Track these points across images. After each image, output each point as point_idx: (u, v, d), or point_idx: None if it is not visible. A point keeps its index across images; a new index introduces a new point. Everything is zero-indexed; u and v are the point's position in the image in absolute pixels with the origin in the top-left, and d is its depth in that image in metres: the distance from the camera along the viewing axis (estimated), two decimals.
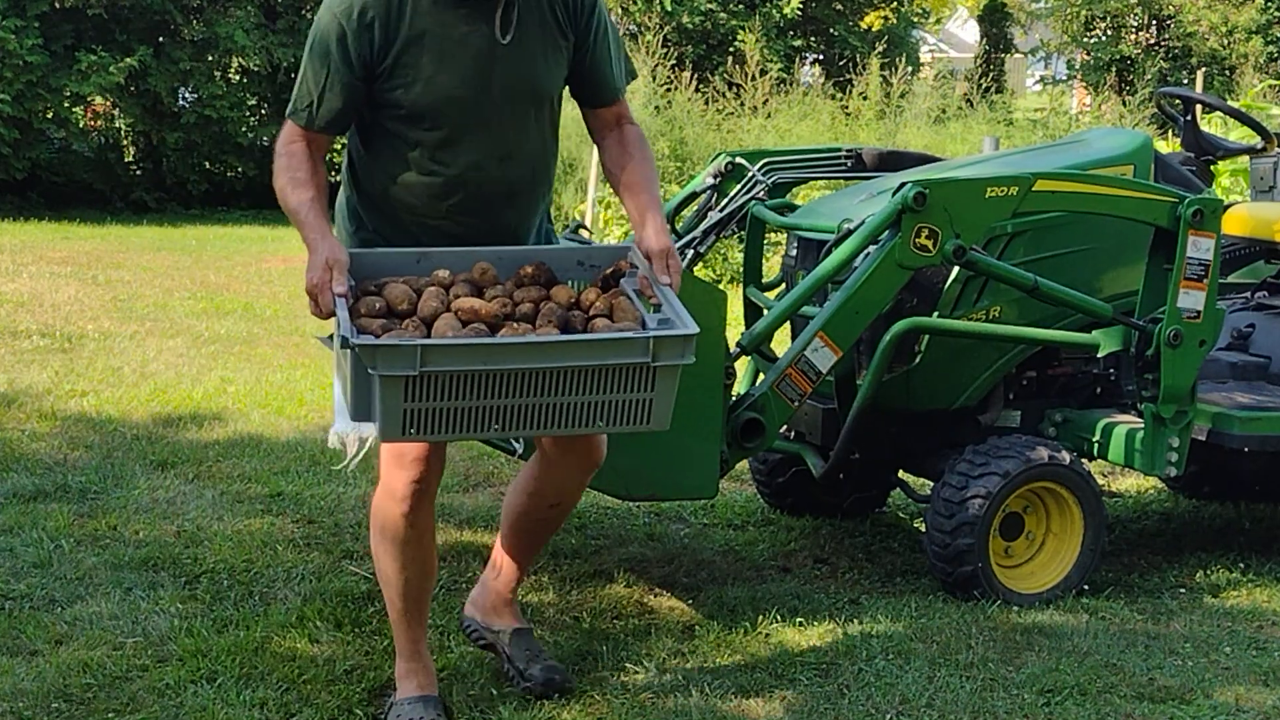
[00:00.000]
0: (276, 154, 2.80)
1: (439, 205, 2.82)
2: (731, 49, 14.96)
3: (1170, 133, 9.59)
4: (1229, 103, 6.68)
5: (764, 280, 4.52)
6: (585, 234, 4.54)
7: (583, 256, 2.84)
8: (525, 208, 2.91)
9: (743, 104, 12.49)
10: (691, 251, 4.42)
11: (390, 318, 2.60)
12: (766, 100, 12.39)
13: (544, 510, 3.08)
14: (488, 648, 3.21)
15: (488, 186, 2.81)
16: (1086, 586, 3.88)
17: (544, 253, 2.84)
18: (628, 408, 2.53)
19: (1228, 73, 19.00)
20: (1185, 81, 17.86)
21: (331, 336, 4.37)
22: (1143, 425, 3.91)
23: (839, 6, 17.26)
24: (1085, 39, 21.05)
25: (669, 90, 12.26)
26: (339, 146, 3.15)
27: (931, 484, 4.01)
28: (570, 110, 3.02)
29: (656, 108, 11.95)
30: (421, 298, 2.63)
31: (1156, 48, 20.37)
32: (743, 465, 4.53)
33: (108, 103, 14.92)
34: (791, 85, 13.31)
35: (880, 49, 14.61)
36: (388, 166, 2.83)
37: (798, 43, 16.46)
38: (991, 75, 17.58)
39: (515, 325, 2.57)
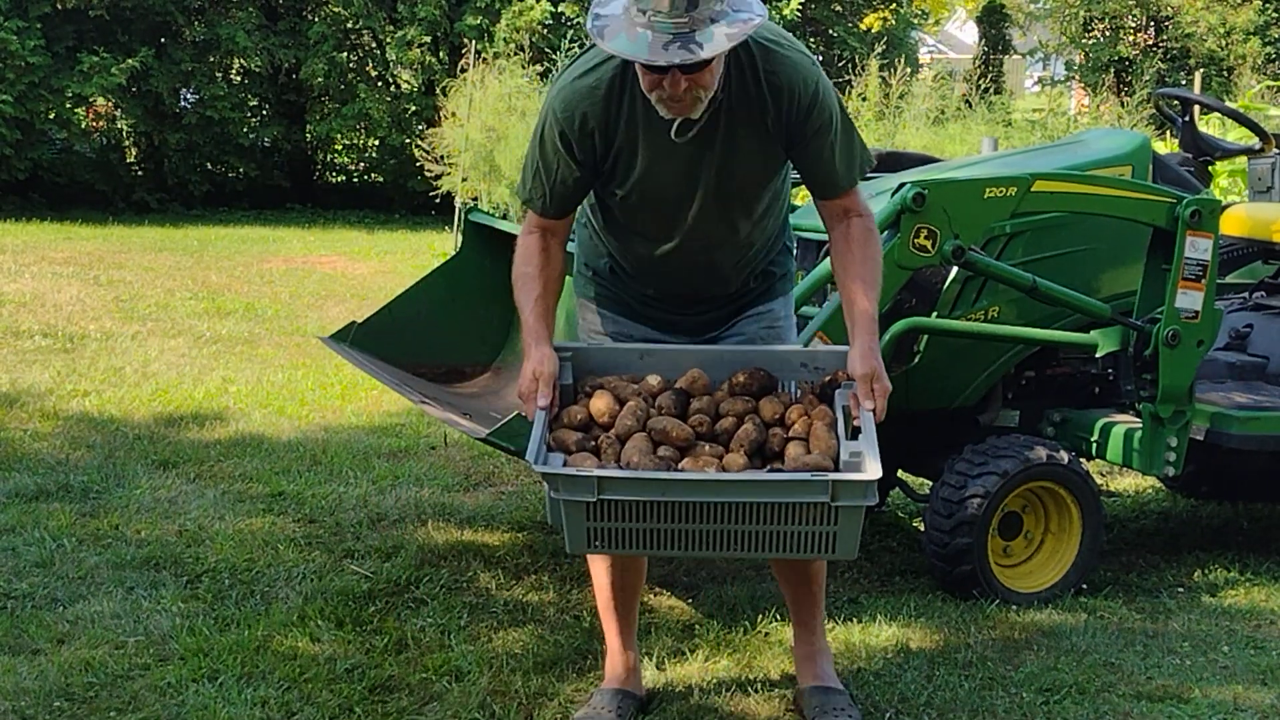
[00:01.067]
0: (519, 238, 2.85)
1: (653, 263, 2.90)
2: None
3: (1168, 133, 9.60)
4: (1227, 104, 6.69)
5: None
6: None
7: (806, 359, 2.81)
8: (735, 270, 2.92)
9: None
10: None
11: (589, 430, 2.66)
12: None
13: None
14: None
15: (694, 262, 2.86)
16: (1085, 585, 3.89)
17: (766, 354, 2.83)
18: (810, 539, 2.53)
19: (1226, 74, 19.01)
20: (1183, 82, 17.87)
21: (333, 337, 4.39)
22: (1141, 425, 3.92)
23: (838, 8, 17.27)
24: (1083, 40, 21.06)
25: None
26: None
27: (930, 483, 4.02)
28: None
29: None
30: (621, 412, 2.67)
31: (1155, 49, 20.38)
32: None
33: (109, 103, 14.94)
34: None
35: (879, 50, 14.59)
36: (610, 224, 2.92)
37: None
38: (990, 76, 17.57)
39: (705, 447, 2.61)
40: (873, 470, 2.51)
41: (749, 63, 2.64)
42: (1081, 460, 3.97)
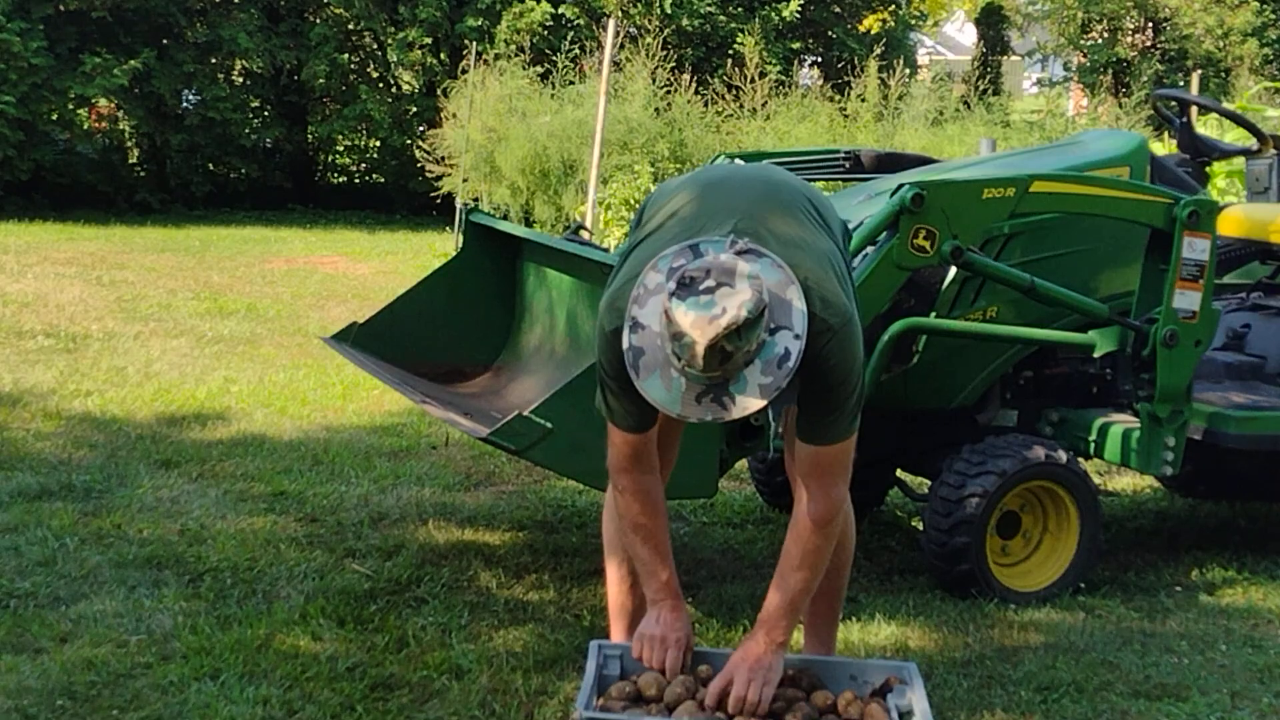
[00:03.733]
0: (611, 477, 2.72)
1: None
2: (731, 52, 14.99)
3: (1166, 134, 9.61)
4: (1224, 105, 6.70)
5: None
6: (585, 234, 4.58)
7: (856, 671, 2.76)
8: None
9: (742, 106, 12.52)
10: None
11: (637, 703, 2.66)
12: (765, 102, 12.42)
13: None
14: None
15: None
16: (1083, 584, 3.90)
17: (816, 663, 2.81)
18: None
19: (1223, 75, 19.01)
20: (1181, 83, 17.86)
21: (334, 337, 4.41)
22: (1139, 425, 3.93)
23: (837, 9, 17.28)
24: (1082, 41, 21.06)
25: (669, 93, 12.29)
26: (340, 143, 3.11)
27: (929, 483, 4.03)
28: (570, 113, 3.05)
29: (656, 110, 11.98)
30: (670, 684, 2.67)
31: (1152, 50, 20.39)
32: (742, 464, 4.56)
33: (112, 105, 14.97)
34: (790, 87, 13.32)
35: (878, 51, 14.61)
36: None
37: (796, 45, 16.48)
38: (988, 77, 17.58)
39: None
40: None
41: None
42: (1080, 460, 3.98)
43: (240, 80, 15.89)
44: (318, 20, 15.58)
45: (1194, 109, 4.88)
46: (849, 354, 2.53)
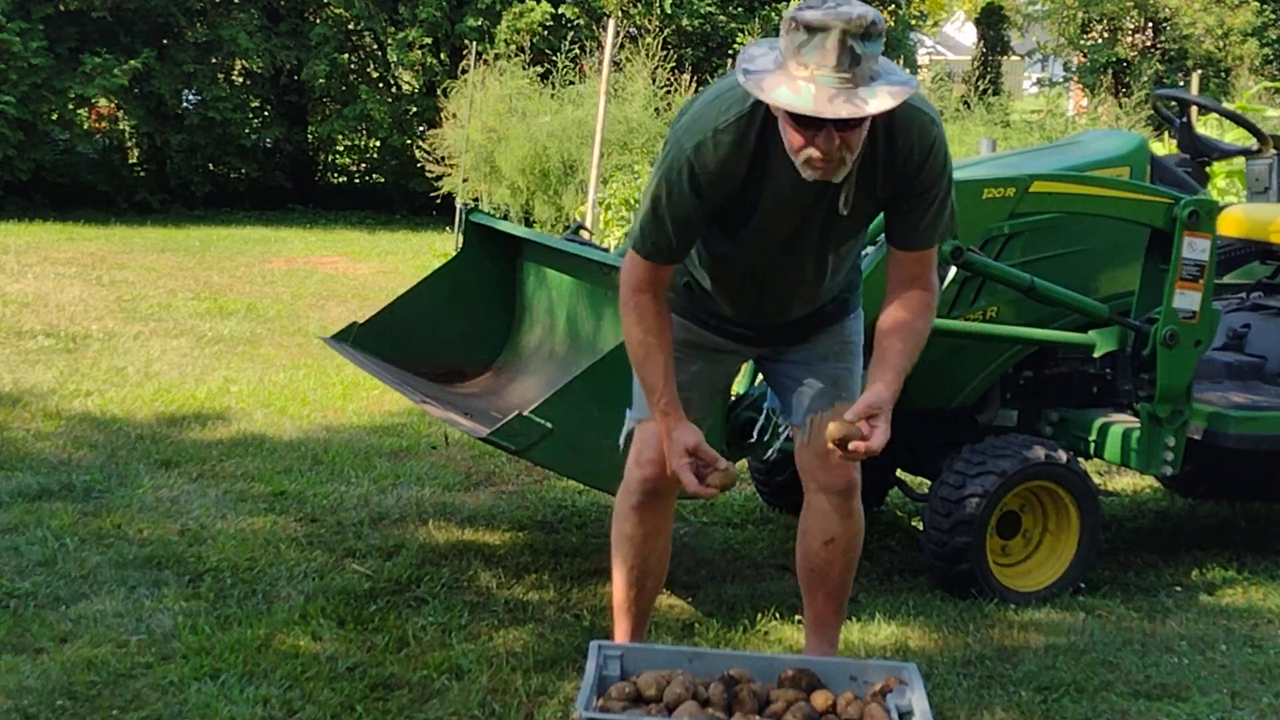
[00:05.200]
0: (623, 299, 2.75)
1: (737, 292, 2.87)
2: (731, 51, 14.98)
3: (1166, 134, 9.61)
4: (1224, 105, 6.70)
5: None
6: (585, 234, 4.58)
7: (855, 671, 2.77)
8: (816, 300, 2.91)
9: None
10: None
11: (636, 703, 2.67)
12: None
13: (818, 547, 3.04)
14: None
15: (779, 294, 2.85)
16: (1083, 584, 3.90)
17: (815, 663, 2.82)
18: None
19: (1223, 75, 19.02)
20: (1181, 83, 17.87)
21: (334, 337, 4.41)
22: (1139, 425, 3.93)
23: None
24: (1082, 41, 21.06)
25: (668, 92, 12.29)
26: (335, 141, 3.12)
27: (929, 483, 4.03)
28: (570, 113, 3.05)
29: (656, 110, 11.98)
30: (669, 685, 2.68)
31: (1153, 50, 20.40)
32: (742, 464, 4.56)
33: (112, 105, 14.97)
34: None
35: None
36: (708, 266, 2.86)
37: None
38: (988, 77, 17.59)
39: (755, 718, 2.62)
40: None
41: (876, 120, 2.52)
42: (1080, 460, 3.98)
43: (240, 80, 15.89)
44: (318, 20, 15.58)
45: (1194, 109, 4.88)
46: (947, 154, 2.67)
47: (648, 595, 3.08)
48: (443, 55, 15.51)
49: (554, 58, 13.30)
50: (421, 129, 14.87)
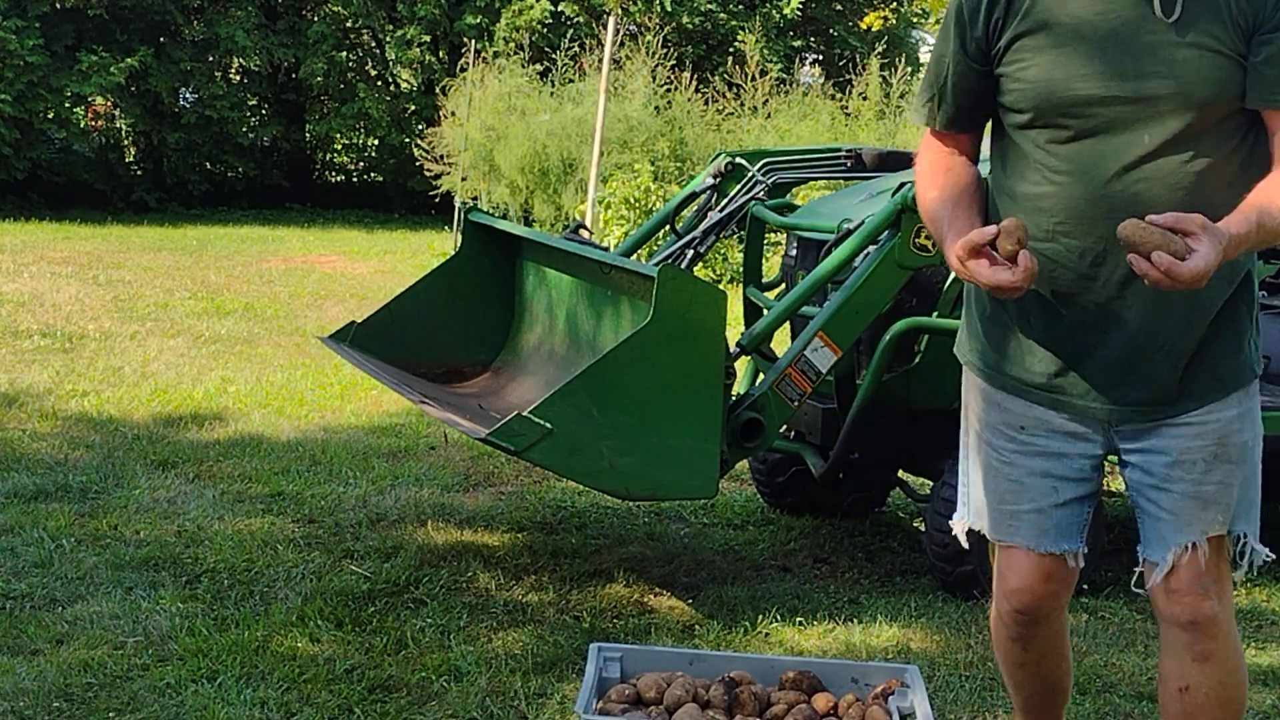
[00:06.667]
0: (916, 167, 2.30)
1: (1044, 222, 2.11)
2: (731, 49, 14.97)
3: None
4: None
5: (764, 280, 4.53)
6: (585, 233, 4.56)
7: (857, 674, 2.74)
8: (1193, 301, 2.06)
9: (742, 104, 12.51)
10: (691, 251, 4.43)
11: (636, 705, 2.65)
12: (766, 101, 12.40)
13: (1171, 694, 2.36)
14: None
15: (1103, 206, 2.04)
16: (1085, 586, 3.88)
17: (816, 665, 2.80)
18: None
19: None
20: None
21: (332, 336, 4.39)
22: None
23: (838, 7, 17.28)
24: None
25: (669, 90, 12.28)
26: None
27: (931, 483, 4.01)
28: (569, 111, 3.03)
29: (656, 108, 11.96)
30: (669, 687, 2.66)
31: None
32: (743, 465, 4.54)
33: (108, 103, 14.96)
34: (791, 86, 13.32)
35: (880, 49, 14.61)
36: (1004, 179, 2.20)
37: (797, 43, 16.48)
38: None
39: None
40: None
41: None
42: None
43: (237, 78, 15.89)
44: (315, 18, 15.56)
45: None
46: None
47: (1056, 705, 2.61)
48: (441, 53, 15.49)
49: (553, 56, 13.29)
50: (420, 127, 14.86)
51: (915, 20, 19.47)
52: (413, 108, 15.46)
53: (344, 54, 15.80)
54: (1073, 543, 2.36)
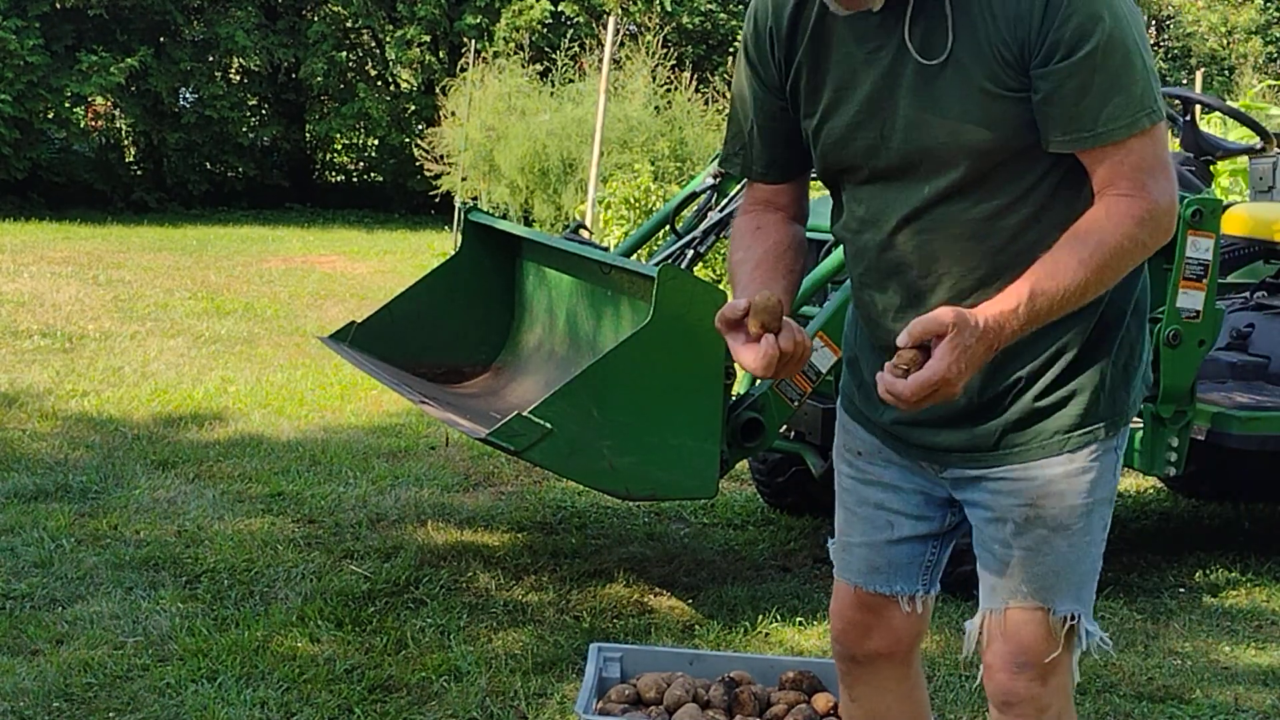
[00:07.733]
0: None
1: (855, 269, 2.00)
2: (731, 49, 14.98)
3: (1169, 133, 9.59)
4: (1228, 103, 6.68)
5: None
6: (585, 233, 4.55)
7: None
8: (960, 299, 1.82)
9: None
10: (691, 251, 4.43)
11: (636, 705, 2.65)
12: None
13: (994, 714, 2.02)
14: None
15: (890, 257, 1.90)
16: None
17: (815, 665, 2.80)
18: None
19: (1227, 73, 19.02)
20: (1184, 81, 17.86)
21: (332, 336, 4.39)
22: (1142, 425, 3.91)
23: None
24: None
25: (669, 90, 12.27)
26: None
27: None
28: (569, 111, 3.02)
29: (656, 108, 11.96)
30: (669, 687, 2.67)
31: (1156, 48, 20.40)
32: (743, 465, 4.54)
33: (108, 103, 14.96)
34: None
35: None
36: (834, 223, 2.06)
37: None
38: None
39: None
40: None
41: None
42: None
43: (237, 78, 15.89)
44: (315, 18, 15.56)
45: (1198, 107, 4.86)
46: None
47: None
48: (441, 53, 15.49)
49: (553, 56, 13.28)
50: (420, 127, 14.87)
51: None
52: (413, 108, 15.46)
53: (344, 54, 15.80)
54: (908, 585, 2.11)
